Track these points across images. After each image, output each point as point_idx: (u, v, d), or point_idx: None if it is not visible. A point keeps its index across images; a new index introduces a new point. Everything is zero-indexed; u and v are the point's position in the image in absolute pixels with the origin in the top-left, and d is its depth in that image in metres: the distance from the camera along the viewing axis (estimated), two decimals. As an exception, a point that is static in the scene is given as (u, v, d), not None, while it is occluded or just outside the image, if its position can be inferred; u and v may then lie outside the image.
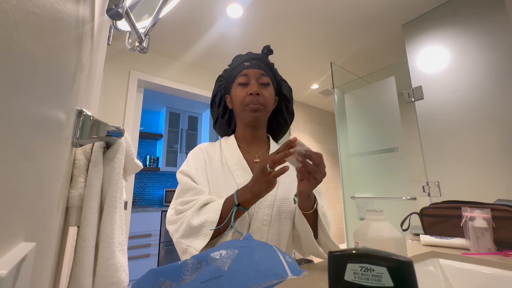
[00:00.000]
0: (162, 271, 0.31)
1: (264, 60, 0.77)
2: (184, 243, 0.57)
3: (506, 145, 1.31)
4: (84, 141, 0.41)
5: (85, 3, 0.39)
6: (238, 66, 0.76)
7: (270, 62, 0.79)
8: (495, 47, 1.41)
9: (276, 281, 0.31)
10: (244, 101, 0.72)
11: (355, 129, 2.25)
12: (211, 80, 2.55)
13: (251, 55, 0.77)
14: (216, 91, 0.81)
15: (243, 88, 0.73)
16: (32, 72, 0.19)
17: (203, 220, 0.57)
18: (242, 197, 0.57)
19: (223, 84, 0.81)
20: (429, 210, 0.91)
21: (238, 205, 0.57)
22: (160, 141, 3.64)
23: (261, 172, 0.54)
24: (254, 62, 0.75)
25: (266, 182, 0.54)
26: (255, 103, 0.70)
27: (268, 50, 0.79)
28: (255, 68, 0.74)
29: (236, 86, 0.75)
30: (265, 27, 1.92)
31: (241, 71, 0.74)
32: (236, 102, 0.74)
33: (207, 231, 0.56)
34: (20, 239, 0.20)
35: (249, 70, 0.73)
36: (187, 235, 0.58)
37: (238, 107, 0.74)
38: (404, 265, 0.27)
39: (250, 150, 0.76)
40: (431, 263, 0.70)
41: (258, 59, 0.76)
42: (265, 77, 0.74)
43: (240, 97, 0.72)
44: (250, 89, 0.71)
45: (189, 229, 0.58)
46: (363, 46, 2.18)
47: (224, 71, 0.82)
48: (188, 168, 0.70)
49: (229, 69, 0.80)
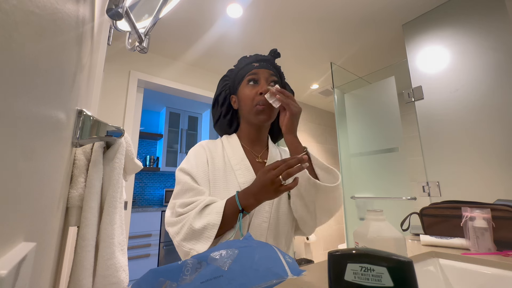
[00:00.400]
0: (162, 271, 0.31)
1: (272, 62, 0.78)
2: (187, 246, 0.57)
3: (506, 145, 1.31)
4: (84, 141, 0.41)
5: (85, 3, 0.39)
6: (246, 66, 0.76)
7: (277, 65, 0.80)
8: (495, 47, 1.41)
9: (276, 281, 0.31)
10: (254, 100, 0.71)
11: (355, 129, 2.25)
12: (211, 80, 2.55)
13: (260, 56, 0.77)
14: (220, 90, 0.80)
15: (252, 88, 0.73)
16: (32, 72, 0.19)
17: (205, 223, 0.57)
18: (245, 201, 0.57)
19: (229, 84, 0.80)
20: (429, 210, 0.91)
21: (242, 211, 0.57)
22: (160, 141, 3.64)
23: (271, 182, 0.53)
24: (263, 63, 0.75)
25: (274, 192, 0.54)
26: (264, 104, 0.70)
27: (275, 53, 0.80)
28: (265, 69, 0.74)
29: (244, 85, 0.74)
30: (265, 27, 1.92)
31: (250, 71, 0.74)
32: (244, 101, 0.73)
33: (209, 234, 0.56)
34: (20, 239, 0.20)
35: (258, 70, 0.74)
36: (189, 238, 0.57)
37: (246, 106, 0.73)
38: (404, 265, 0.27)
39: (252, 149, 0.76)
40: (431, 263, 0.70)
41: (267, 61, 0.77)
42: (273, 77, 0.74)
43: (250, 96, 0.72)
44: (260, 88, 0.71)
45: (191, 232, 0.57)
46: (363, 46, 2.18)
47: (230, 71, 0.82)
48: (189, 166, 0.68)
49: (236, 69, 0.80)
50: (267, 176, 0.54)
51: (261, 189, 0.55)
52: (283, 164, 0.54)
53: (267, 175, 0.54)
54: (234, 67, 0.81)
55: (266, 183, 0.54)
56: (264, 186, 0.55)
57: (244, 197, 0.58)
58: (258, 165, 0.73)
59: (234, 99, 0.78)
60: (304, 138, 3.37)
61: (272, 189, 0.54)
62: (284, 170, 0.53)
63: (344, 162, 2.31)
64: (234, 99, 0.78)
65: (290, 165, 0.53)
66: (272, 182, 0.53)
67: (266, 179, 0.54)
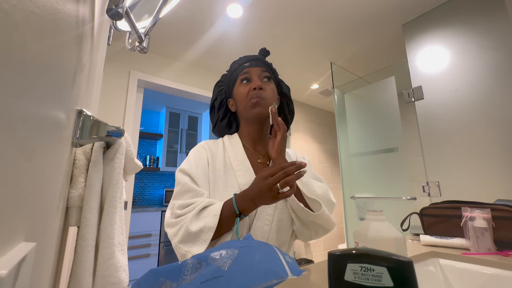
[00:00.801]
0: (162, 271, 0.31)
1: (263, 60, 0.79)
2: (183, 248, 0.57)
3: (506, 145, 1.31)
4: (84, 141, 0.41)
5: (85, 3, 0.39)
6: (238, 68, 0.77)
7: (268, 62, 0.80)
8: (495, 47, 1.41)
9: (276, 281, 0.31)
10: (248, 95, 0.72)
11: (355, 129, 2.25)
12: (211, 80, 2.55)
13: (250, 56, 0.78)
14: (216, 96, 0.81)
15: (246, 85, 0.74)
16: (32, 72, 0.19)
17: (201, 226, 0.57)
18: (243, 205, 0.57)
19: (223, 88, 0.81)
20: (429, 210, 0.91)
21: (239, 215, 0.57)
22: (160, 141, 3.64)
23: (268, 190, 0.53)
24: (254, 62, 0.76)
25: (272, 199, 0.54)
26: (258, 96, 0.71)
27: (265, 51, 0.81)
28: (256, 67, 0.75)
29: (238, 85, 0.75)
30: (265, 27, 1.92)
31: (242, 71, 0.75)
32: (240, 100, 0.74)
33: (205, 237, 0.56)
34: (20, 239, 0.20)
35: (250, 68, 0.75)
36: (186, 241, 0.57)
37: (242, 104, 0.74)
38: (404, 265, 0.27)
39: (254, 149, 0.76)
40: (431, 263, 0.70)
41: (257, 60, 0.78)
42: (266, 73, 0.75)
43: (244, 93, 0.73)
44: (254, 84, 0.72)
45: (188, 234, 0.57)
46: (363, 46, 2.18)
47: (223, 76, 0.83)
48: (188, 167, 0.68)
49: (229, 73, 0.81)
50: (265, 183, 0.53)
51: (258, 195, 0.55)
52: (281, 172, 0.53)
53: (264, 182, 0.54)
54: (227, 72, 0.82)
55: (263, 190, 0.54)
56: (261, 193, 0.54)
57: (241, 201, 0.57)
58: (259, 165, 0.73)
59: (232, 102, 0.79)
60: (304, 138, 3.37)
61: (269, 196, 0.54)
62: (282, 178, 0.52)
63: (344, 162, 2.31)
64: (232, 102, 0.79)
65: (288, 172, 0.53)
66: (269, 189, 0.53)
67: (264, 186, 0.53)
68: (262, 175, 0.55)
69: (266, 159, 0.75)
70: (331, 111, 3.87)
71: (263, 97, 0.71)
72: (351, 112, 2.31)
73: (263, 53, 0.81)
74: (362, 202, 2.17)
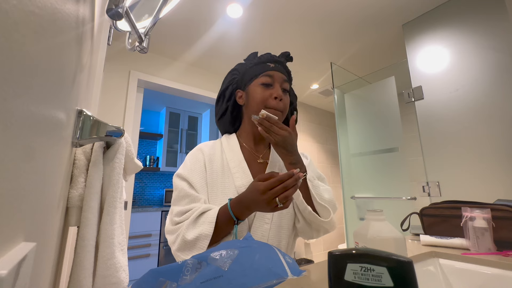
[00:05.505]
0: (162, 271, 0.31)
1: (285, 66, 0.76)
2: (181, 256, 0.57)
3: (506, 145, 1.31)
4: (84, 141, 0.41)
5: (85, 3, 0.39)
6: (260, 64, 0.73)
7: (288, 69, 0.78)
8: (495, 47, 1.41)
9: (276, 281, 0.31)
10: (267, 102, 0.69)
11: (355, 129, 2.25)
12: (211, 80, 2.55)
13: (275, 57, 0.75)
14: (227, 84, 0.78)
15: (265, 89, 0.70)
16: (32, 72, 0.19)
17: (197, 234, 0.56)
18: (238, 212, 0.57)
19: (237, 78, 0.78)
20: (429, 210, 0.91)
21: (237, 222, 0.57)
22: (160, 141, 3.64)
23: (267, 203, 0.51)
24: (278, 66, 0.73)
25: (269, 211, 0.54)
26: (277, 108, 0.69)
27: (288, 57, 0.78)
28: (280, 72, 0.72)
29: (257, 84, 0.72)
30: (265, 27, 1.92)
31: (265, 71, 0.72)
32: (254, 101, 0.71)
33: (202, 244, 0.56)
34: (20, 239, 0.20)
35: (274, 72, 0.71)
36: (183, 249, 0.57)
37: (256, 106, 0.70)
38: (404, 265, 0.27)
39: (253, 149, 0.75)
40: (431, 263, 0.70)
41: (281, 63, 0.75)
42: (286, 83, 0.73)
43: (262, 97, 0.70)
44: (275, 92, 0.69)
45: (184, 243, 0.57)
46: (363, 46, 2.18)
47: (240, 65, 0.79)
48: (185, 171, 0.68)
49: (247, 65, 0.77)
50: (263, 198, 0.52)
51: (255, 206, 0.54)
52: (280, 186, 0.51)
53: (262, 196, 0.52)
54: (244, 61, 0.79)
55: (261, 204, 0.52)
56: (259, 205, 0.53)
57: (236, 207, 0.57)
58: (258, 166, 0.72)
59: (241, 94, 0.76)
60: (304, 138, 3.37)
61: (267, 209, 0.53)
62: (281, 193, 0.51)
63: (344, 162, 2.31)
64: (241, 94, 0.76)
65: (287, 186, 0.51)
66: (268, 203, 0.51)
67: (262, 201, 0.52)
68: (259, 189, 0.52)
69: (266, 158, 0.75)
70: (331, 111, 3.87)
71: (280, 109, 0.69)
72: (351, 112, 2.31)
73: (287, 58, 0.77)
74: (362, 202, 2.17)
